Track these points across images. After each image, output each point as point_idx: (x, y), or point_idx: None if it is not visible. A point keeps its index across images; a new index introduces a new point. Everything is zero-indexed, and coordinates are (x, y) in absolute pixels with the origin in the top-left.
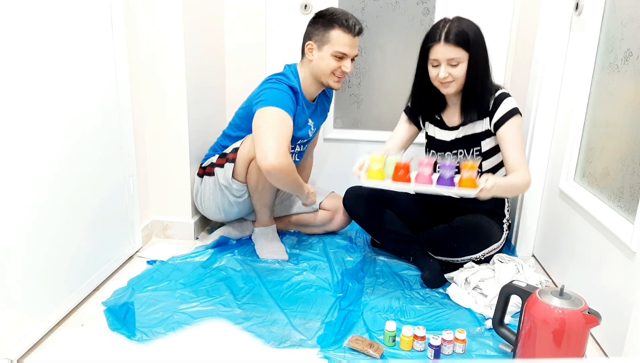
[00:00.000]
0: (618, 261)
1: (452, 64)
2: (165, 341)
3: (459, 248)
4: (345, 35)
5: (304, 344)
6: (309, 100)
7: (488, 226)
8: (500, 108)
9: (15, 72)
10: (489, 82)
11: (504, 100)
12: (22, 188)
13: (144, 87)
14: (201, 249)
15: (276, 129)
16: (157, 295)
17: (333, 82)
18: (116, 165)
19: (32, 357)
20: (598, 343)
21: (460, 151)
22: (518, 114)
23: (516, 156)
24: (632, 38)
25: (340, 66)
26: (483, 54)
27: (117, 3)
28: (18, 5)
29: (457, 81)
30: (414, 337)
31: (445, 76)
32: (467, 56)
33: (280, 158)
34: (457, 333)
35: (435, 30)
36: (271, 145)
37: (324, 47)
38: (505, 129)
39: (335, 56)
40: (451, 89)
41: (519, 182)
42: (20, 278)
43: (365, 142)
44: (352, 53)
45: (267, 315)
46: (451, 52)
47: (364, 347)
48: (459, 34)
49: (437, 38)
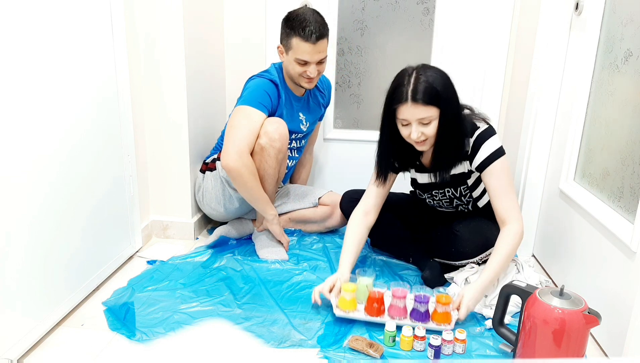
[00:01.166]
0: (618, 261)
1: (423, 123)
2: (165, 341)
3: (457, 252)
4: (303, 43)
5: (304, 344)
6: (296, 94)
7: (487, 230)
8: (480, 152)
9: (14, 73)
10: (463, 128)
11: (484, 143)
12: (22, 188)
13: (144, 87)
14: (201, 249)
15: (240, 129)
16: (157, 295)
17: (304, 83)
18: (116, 165)
19: (32, 357)
20: (598, 343)
21: (447, 189)
22: (501, 157)
23: (503, 204)
24: (632, 38)
25: (305, 70)
26: (454, 105)
27: (117, 3)
28: (16, 4)
29: (430, 139)
30: (414, 337)
31: (419, 136)
32: (438, 113)
33: (235, 157)
34: (457, 333)
35: (401, 88)
36: (231, 144)
37: (289, 52)
38: (488, 176)
39: (298, 63)
40: (426, 147)
41: (506, 251)
42: (20, 278)
43: (365, 142)
44: (314, 60)
45: (267, 315)
46: (421, 112)
47: (364, 347)
48: (427, 91)
49: (403, 98)
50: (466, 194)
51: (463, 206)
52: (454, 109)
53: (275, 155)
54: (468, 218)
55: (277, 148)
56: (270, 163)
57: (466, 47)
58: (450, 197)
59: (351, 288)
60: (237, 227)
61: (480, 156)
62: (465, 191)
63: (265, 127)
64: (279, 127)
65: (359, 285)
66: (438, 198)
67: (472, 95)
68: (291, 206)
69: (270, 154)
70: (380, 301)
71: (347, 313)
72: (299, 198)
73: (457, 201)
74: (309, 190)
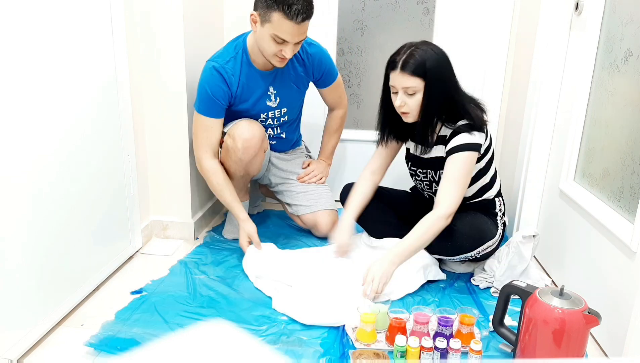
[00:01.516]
0: (618, 261)
1: (408, 93)
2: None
3: (453, 246)
4: (286, 21)
5: (306, 345)
6: (262, 70)
7: (482, 223)
8: (454, 140)
9: (13, 73)
10: (454, 110)
11: (460, 134)
12: (22, 188)
13: (144, 87)
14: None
15: (197, 138)
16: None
17: (275, 61)
18: (116, 165)
19: (32, 357)
20: (598, 343)
21: (428, 171)
22: (469, 151)
23: (444, 189)
24: (632, 38)
25: (281, 50)
26: (442, 83)
27: (117, 4)
28: (16, 5)
29: (413, 111)
30: (420, 348)
31: (400, 105)
32: (422, 86)
33: (199, 164)
34: (473, 344)
35: (396, 57)
36: (195, 152)
37: (265, 25)
38: (448, 161)
39: (275, 40)
40: (409, 119)
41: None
42: (20, 278)
43: (365, 142)
44: (293, 40)
45: (268, 318)
46: (407, 81)
47: (369, 355)
48: (416, 63)
49: (395, 66)
50: None
51: None
52: (442, 87)
53: (239, 158)
54: (463, 213)
55: (240, 149)
56: (232, 164)
57: (466, 47)
58: (430, 180)
59: (371, 319)
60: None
61: (452, 143)
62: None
63: (232, 130)
64: (243, 133)
65: (378, 314)
66: (420, 178)
67: (472, 95)
68: (283, 198)
69: (232, 158)
70: (404, 330)
71: (369, 346)
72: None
73: (435, 185)
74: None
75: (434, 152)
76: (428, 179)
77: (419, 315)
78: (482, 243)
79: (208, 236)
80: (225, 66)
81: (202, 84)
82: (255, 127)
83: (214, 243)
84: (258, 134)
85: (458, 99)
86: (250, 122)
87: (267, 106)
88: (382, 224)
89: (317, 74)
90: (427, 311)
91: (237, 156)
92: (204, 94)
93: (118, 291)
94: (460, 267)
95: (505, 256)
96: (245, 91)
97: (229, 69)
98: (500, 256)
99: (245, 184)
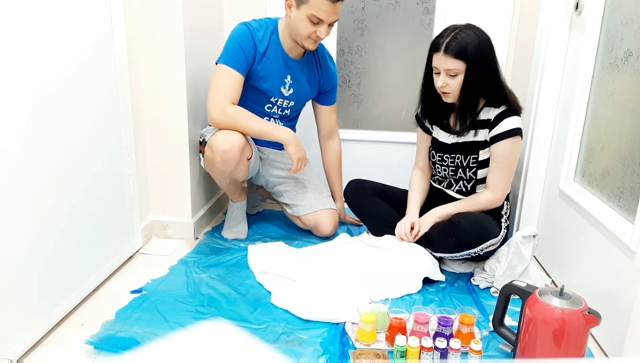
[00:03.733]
0: (618, 261)
1: (450, 75)
2: (165, 341)
3: (456, 243)
4: (323, 0)
5: (305, 345)
6: (290, 55)
7: (486, 221)
8: (500, 125)
9: (13, 73)
10: (493, 93)
11: (507, 118)
12: (22, 187)
13: (144, 87)
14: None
15: (215, 88)
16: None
17: (309, 44)
18: (116, 165)
19: (32, 357)
20: (598, 343)
21: (457, 156)
22: (517, 136)
23: (495, 177)
24: (632, 38)
25: (315, 30)
26: (483, 66)
27: (117, 4)
28: (17, 5)
29: (454, 92)
30: (420, 348)
31: (442, 85)
32: (464, 68)
33: (217, 111)
34: (473, 344)
35: (439, 39)
36: (212, 102)
37: (302, 7)
38: (496, 148)
39: (311, 20)
40: (449, 99)
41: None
42: (20, 278)
43: (365, 142)
44: (329, 20)
45: (268, 317)
46: (449, 63)
47: (370, 355)
48: (459, 46)
49: (438, 48)
50: (472, 168)
51: (463, 183)
52: (483, 70)
53: (220, 169)
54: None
55: (219, 161)
56: (215, 174)
57: None
58: (457, 165)
59: (371, 319)
60: (235, 226)
61: (500, 128)
62: (473, 163)
63: (211, 140)
64: (221, 145)
65: (378, 314)
66: (447, 163)
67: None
68: (280, 198)
69: (214, 169)
70: (404, 330)
71: (369, 346)
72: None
73: (462, 172)
74: (302, 197)
75: (469, 136)
76: (455, 165)
77: (419, 315)
78: (485, 240)
79: (208, 236)
80: (257, 32)
81: (232, 38)
82: (234, 138)
83: (214, 243)
84: (237, 145)
85: (498, 83)
86: (228, 133)
87: (280, 92)
88: (383, 221)
89: (326, 86)
90: (427, 311)
91: (217, 168)
92: (234, 45)
93: (118, 291)
94: (460, 267)
95: (505, 256)
96: (266, 67)
97: (259, 36)
98: (500, 256)
99: (238, 188)
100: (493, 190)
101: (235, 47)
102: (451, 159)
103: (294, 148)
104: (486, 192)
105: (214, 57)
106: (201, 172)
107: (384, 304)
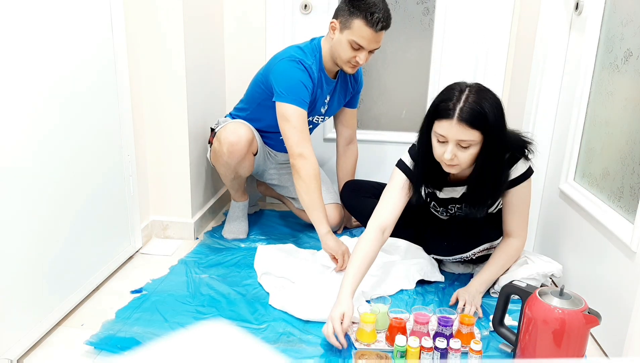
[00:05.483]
0: (618, 261)
1: (462, 146)
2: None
3: (449, 246)
4: (366, 28)
5: (305, 345)
6: (329, 76)
7: (478, 225)
8: (512, 173)
9: (13, 74)
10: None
11: (516, 164)
12: (22, 188)
13: (144, 88)
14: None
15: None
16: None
17: (347, 67)
18: (116, 165)
19: (32, 357)
20: (598, 343)
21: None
22: (527, 179)
23: (515, 220)
24: (632, 38)
25: (355, 56)
26: (500, 136)
27: (117, 4)
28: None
29: (463, 165)
30: (420, 348)
31: (450, 158)
32: (481, 139)
33: (310, 162)
34: (473, 344)
35: (449, 103)
36: (300, 148)
37: (345, 31)
38: (513, 194)
39: (352, 45)
40: (453, 170)
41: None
42: (20, 278)
43: (365, 142)
44: (369, 47)
45: (269, 317)
46: (464, 133)
47: (372, 356)
48: (475, 113)
49: (450, 114)
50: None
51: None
52: (499, 140)
53: (225, 161)
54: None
55: (225, 153)
56: (220, 166)
57: (466, 47)
58: (458, 209)
59: (371, 319)
60: (235, 226)
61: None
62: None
63: (220, 132)
64: (229, 136)
65: (378, 314)
66: (453, 210)
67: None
68: (285, 193)
69: (219, 161)
70: (404, 330)
71: (368, 346)
72: None
73: (465, 209)
74: None
75: None
76: (455, 210)
77: (419, 315)
78: (476, 246)
79: (208, 236)
80: (310, 68)
81: (296, 78)
82: (242, 131)
83: (214, 243)
84: (245, 138)
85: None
86: (237, 125)
87: (320, 112)
88: None
89: (355, 89)
90: (427, 311)
91: (223, 160)
92: (296, 83)
93: (118, 291)
94: (459, 268)
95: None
96: (316, 95)
97: (313, 69)
98: None
99: (241, 186)
100: (518, 235)
101: (299, 87)
102: (458, 208)
103: (334, 242)
104: (511, 240)
105: (215, 58)
106: (201, 172)
107: (384, 304)
